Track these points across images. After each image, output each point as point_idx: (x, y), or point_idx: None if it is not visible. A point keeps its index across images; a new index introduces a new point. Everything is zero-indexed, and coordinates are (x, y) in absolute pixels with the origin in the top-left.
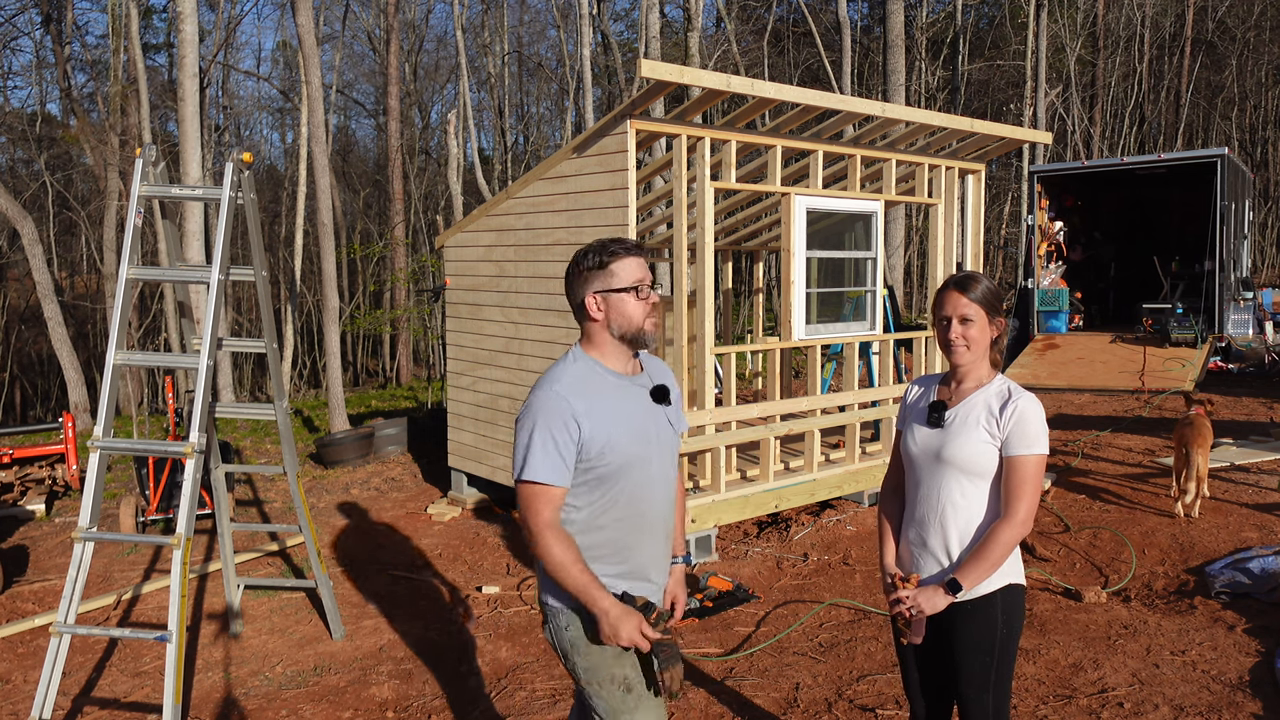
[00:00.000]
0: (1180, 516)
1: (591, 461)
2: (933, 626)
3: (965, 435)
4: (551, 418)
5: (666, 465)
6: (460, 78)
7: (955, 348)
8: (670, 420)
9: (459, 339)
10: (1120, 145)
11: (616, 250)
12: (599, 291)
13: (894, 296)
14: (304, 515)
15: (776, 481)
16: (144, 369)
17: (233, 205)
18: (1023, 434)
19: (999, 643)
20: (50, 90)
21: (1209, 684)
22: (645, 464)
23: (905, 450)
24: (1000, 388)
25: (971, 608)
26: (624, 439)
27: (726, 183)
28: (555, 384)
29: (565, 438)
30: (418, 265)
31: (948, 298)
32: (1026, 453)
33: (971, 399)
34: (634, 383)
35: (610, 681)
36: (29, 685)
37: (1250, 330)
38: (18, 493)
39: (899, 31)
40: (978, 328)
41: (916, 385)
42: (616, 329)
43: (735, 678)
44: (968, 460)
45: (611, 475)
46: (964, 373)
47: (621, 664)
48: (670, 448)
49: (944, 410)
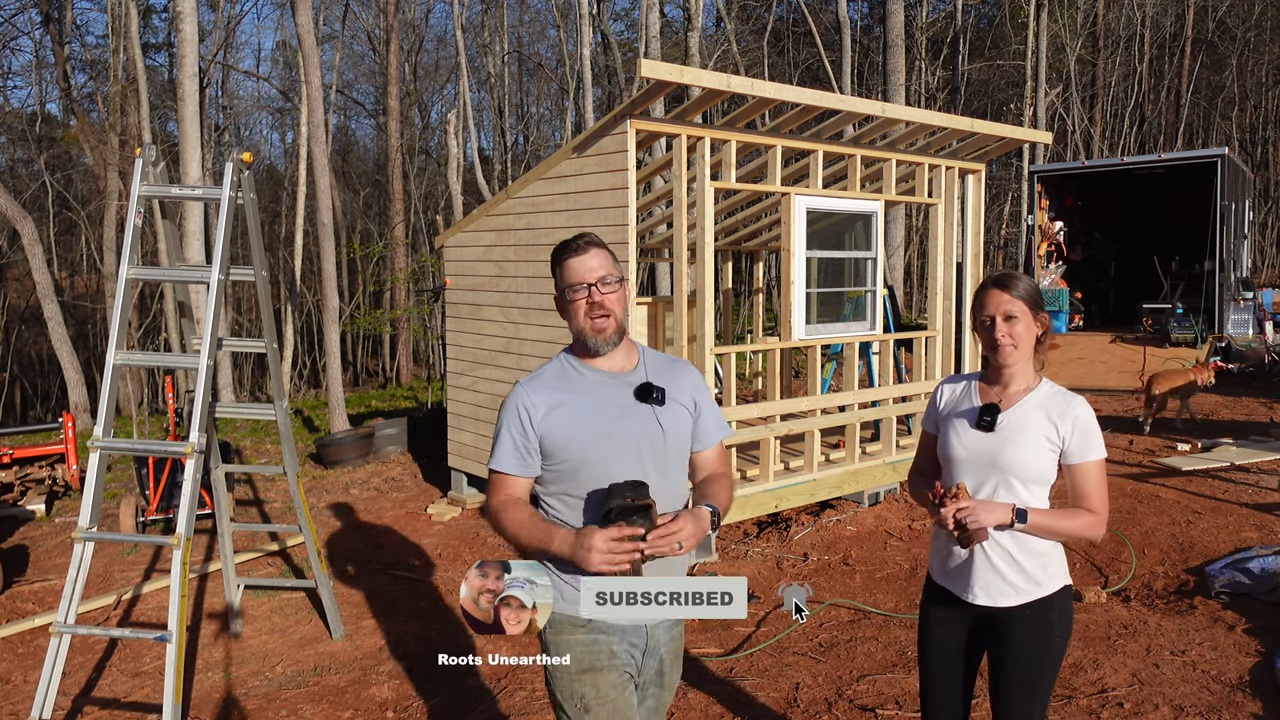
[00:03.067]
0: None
1: (554, 457)
2: (981, 636)
3: (1024, 442)
4: (509, 409)
5: (652, 469)
6: (460, 78)
7: (1003, 347)
8: (660, 422)
9: (459, 339)
10: (1120, 145)
11: (565, 249)
12: (558, 291)
13: (894, 296)
14: (304, 515)
15: (776, 481)
16: (144, 369)
17: (233, 205)
18: (1086, 441)
19: (1053, 648)
20: (50, 90)
21: (1209, 684)
22: (606, 465)
23: (948, 452)
24: (1051, 391)
25: (1030, 611)
26: (587, 438)
27: (726, 182)
28: (525, 379)
29: (519, 430)
30: (418, 265)
31: (989, 296)
32: (1094, 458)
33: (1024, 403)
34: (619, 379)
35: (570, 697)
36: (29, 685)
37: (1250, 330)
38: (18, 493)
39: (899, 31)
40: (1023, 325)
41: (949, 384)
42: (572, 328)
43: (735, 677)
44: (1028, 467)
45: (571, 474)
46: (1011, 374)
47: (583, 682)
48: (656, 451)
49: (996, 413)
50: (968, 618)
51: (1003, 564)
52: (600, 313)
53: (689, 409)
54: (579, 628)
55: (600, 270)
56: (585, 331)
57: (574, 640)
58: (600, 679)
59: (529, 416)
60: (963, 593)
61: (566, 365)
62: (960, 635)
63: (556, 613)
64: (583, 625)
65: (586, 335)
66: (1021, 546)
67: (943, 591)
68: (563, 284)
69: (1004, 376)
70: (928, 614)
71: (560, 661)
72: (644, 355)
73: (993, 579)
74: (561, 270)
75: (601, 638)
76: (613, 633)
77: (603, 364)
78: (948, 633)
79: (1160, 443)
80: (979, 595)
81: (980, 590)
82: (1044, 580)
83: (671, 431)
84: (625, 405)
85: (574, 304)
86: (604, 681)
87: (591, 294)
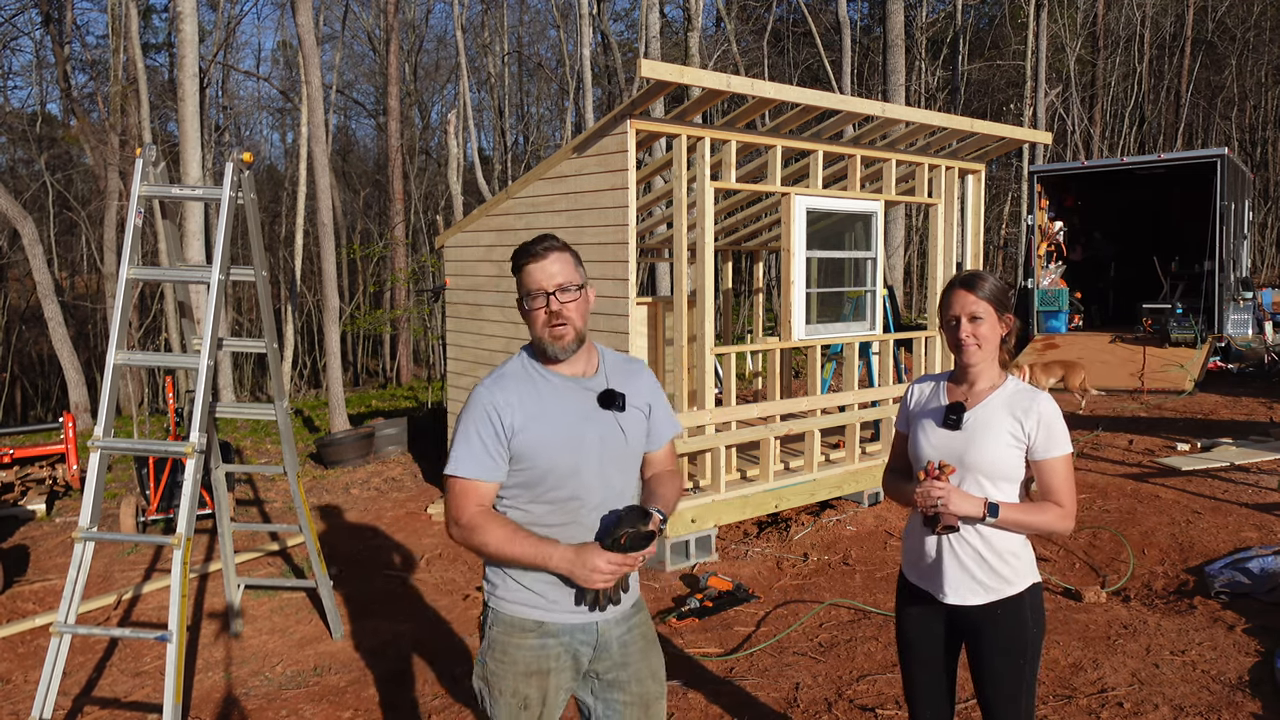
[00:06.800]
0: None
1: (520, 462)
2: (957, 633)
3: (989, 440)
4: (474, 411)
5: (614, 474)
6: (460, 78)
7: (966, 347)
8: (621, 427)
9: (459, 339)
10: (1120, 145)
11: (524, 253)
12: (518, 295)
13: (894, 296)
14: (304, 515)
15: (776, 481)
16: (144, 369)
17: (233, 205)
18: (1051, 436)
19: (1030, 643)
20: (50, 90)
21: (1209, 684)
22: (575, 472)
23: (916, 451)
24: (1016, 389)
25: (1001, 610)
26: (553, 443)
27: (726, 183)
28: (486, 379)
29: (488, 430)
30: (418, 265)
31: (955, 296)
32: (1060, 454)
33: (988, 402)
34: (581, 385)
35: (512, 695)
36: (29, 685)
37: (1250, 330)
38: (18, 493)
39: (899, 31)
40: (988, 325)
41: (919, 384)
42: (531, 334)
43: (735, 677)
44: (993, 464)
45: (538, 480)
46: (976, 373)
47: (529, 684)
48: (618, 456)
49: (962, 412)
50: (942, 615)
51: (972, 563)
52: (559, 321)
53: (644, 411)
54: (529, 632)
55: (560, 277)
56: (544, 340)
57: (524, 644)
58: (546, 682)
59: (499, 417)
60: (935, 592)
61: (529, 368)
62: (937, 631)
63: (509, 615)
64: (533, 629)
65: (546, 344)
66: (990, 546)
67: (916, 589)
68: (521, 290)
69: (970, 375)
70: (903, 612)
71: (505, 661)
72: (604, 358)
73: (962, 578)
74: (521, 276)
75: (551, 641)
76: (562, 634)
77: (564, 368)
78: (924, 630)
79: (1160, 443)
80: (949, 595)
81: (950, 590)
82: (1013, 578)
83: (632, 436)
84: (588, 411)
85: (533, 313)
86: (549, 685)
87: (550, 303)
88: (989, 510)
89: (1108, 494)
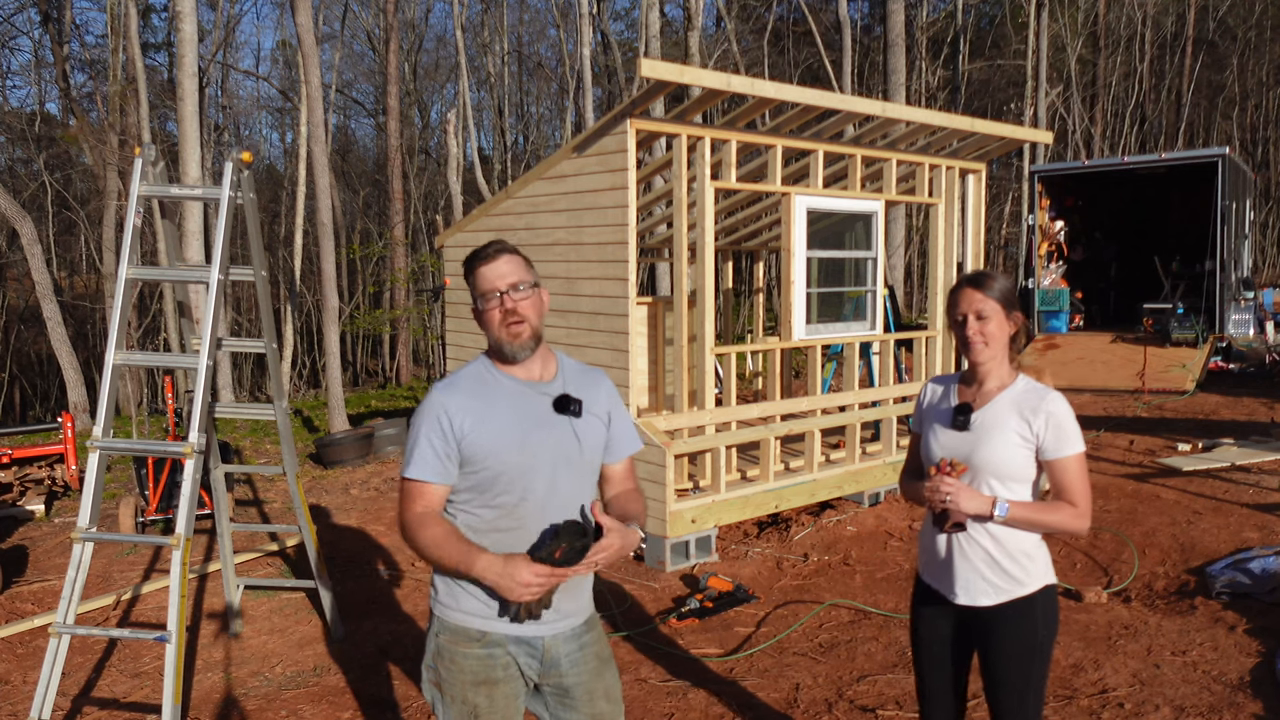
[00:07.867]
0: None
1: (472, 465)
2: (968, 633)
3: (997, 440)
4: (427, 414)
5: (565, 481)
6: (460, 77)
7: (974, 345)
8: (577, 433)
9: (459, 339)
10: (1121, 145)
11: (475, 257)
12: (472, 300)
13: (894, 296)
14: (303, 515)
15: (777, 482)
16: (144, 369)
17: (232, 205)
18: (1061, 436)
19: (1040, 645)
20: (49, 90)
21: (1210, 684)
22: (524, 476)
23: (927, 452)
24: (1025, 388)
25: (1013, 611)
26: (503, 447)
27: (727, 182)
28: (441, 383)
29: (438, 433)
30: (417, 265)
31: (962, 295)
32: (1071, 453)
33: (997, 401)
34: (536, 389)
35: (462, 703)
36: (28, 685)
37: (1251, 330)
38: (17, 493)
39: (899, 31)
40: (995, 324)
41: (933, 385)
42: (488, 337)
43: (736, 678)
44: (1001, 465)
45: (488, 484)
46: (985, 372)
47: (478, 693)
48: (571, 463)
49: (970, 413)
50: (953, 615)
51: (982, 564)
52: (514, 319)
53: (603, 420)
54: (474, 641)
55: (511, 276)
56: (501, 339)
57: (470, 653)
58: (495, 691)
59: (449, 422)
60: (947, 592)
61: (485, 371)
62: (947, 632)
63: (454, 623)
64: (478, 638)
65: (503, 342)
66: (1001, 547)
67: (930, 590)
68: (475, 293)
69: (978, 375)
70: (917, 612)
71: (454, 669)
72: (562, 365)
73: (972, 578)
74: (474, 279)
75: (497, 650)
76: (508, 644)
77: (519, 372)
78: (935, 630)
79: (1160, 443)
80: (959, 595)
81: (961, 590)
82: (1025, 579)
83: (588, 445)
84: (542, 416)
85: (488, 313)
86: (498, 693)
87: (504, 301)
88: (997, 508)
89: (1109, 494)
